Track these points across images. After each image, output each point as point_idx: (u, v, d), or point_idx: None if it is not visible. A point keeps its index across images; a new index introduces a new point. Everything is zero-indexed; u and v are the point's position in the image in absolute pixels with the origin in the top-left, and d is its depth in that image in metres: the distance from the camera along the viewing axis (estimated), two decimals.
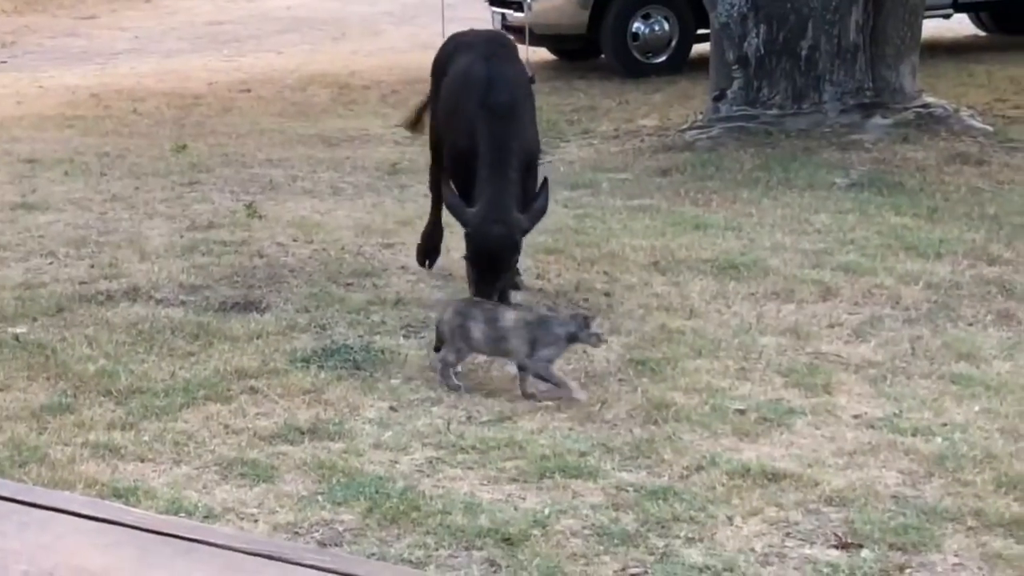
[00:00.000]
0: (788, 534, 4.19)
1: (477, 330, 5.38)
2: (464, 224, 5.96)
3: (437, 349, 5.53)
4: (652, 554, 4.05)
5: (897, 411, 5.08)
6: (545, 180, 6.15)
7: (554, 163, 9.45)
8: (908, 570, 3.97)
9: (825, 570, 3.96)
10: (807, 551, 4.08)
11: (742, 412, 5.09)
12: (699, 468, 4.62)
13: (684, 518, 4.26)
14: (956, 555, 4.05)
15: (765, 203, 8.19)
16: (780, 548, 4.10)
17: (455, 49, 6.76)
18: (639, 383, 5.39)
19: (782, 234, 7.46)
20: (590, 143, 10.85)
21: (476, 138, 6.06)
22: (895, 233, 7.49)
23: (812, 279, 6.65)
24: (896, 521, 4.23)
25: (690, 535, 4.16)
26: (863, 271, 6.77)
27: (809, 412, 5.10)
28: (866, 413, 5.10)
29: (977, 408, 5.08)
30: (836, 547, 4.11)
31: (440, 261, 6.95)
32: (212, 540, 1.82)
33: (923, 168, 9.20)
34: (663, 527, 4.21)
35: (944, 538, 4.14)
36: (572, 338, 5.31)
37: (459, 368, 5.46)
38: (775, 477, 4.55)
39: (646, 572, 3.96)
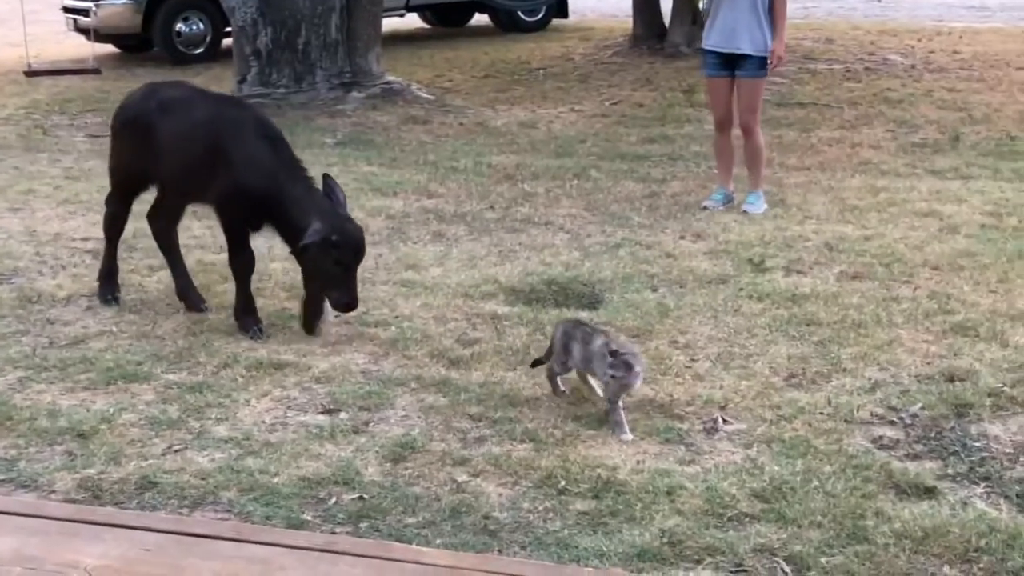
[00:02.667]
0: (289, 407, 4.19)
1: (576, 349, 4.10)
2: (324, 239, 4.55)
3: (542, 360, 4.32)
4: (191, 434, 3.98)
5: (365, 310, 5.11)
6: (327, 175, 4.98)
7: None
8: (371, 424, 4.05)
9: (314, 430, 3.99)
10: (302, 418, 4.11)
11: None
12: (226, 365, 4.56)
13: (215, 404, 4.20)
14: (403, 409, 4.16)
15: None
16: (283, 418, 4.11)
17: (169, 104, 5.01)
18: (181, 305, 5.24)
19: None
20: None
21: (272, 172, 4.74)
22: (366, 179, 7.58)
23: None
24: (364, 390, 4.31)
25: (219, 416, 4.11)
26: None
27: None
28: (344, 314, 5.02)
29: (418, 303, 5.23)
30: (322, 413, 4.14)
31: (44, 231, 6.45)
32: None
33: (387, 128, 9.35)
34: (199, 412, 4.14)
35: (396, 398, 4.24)
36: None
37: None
38: (280, 366, 4.54)
39: (187, 447, 3.89)
